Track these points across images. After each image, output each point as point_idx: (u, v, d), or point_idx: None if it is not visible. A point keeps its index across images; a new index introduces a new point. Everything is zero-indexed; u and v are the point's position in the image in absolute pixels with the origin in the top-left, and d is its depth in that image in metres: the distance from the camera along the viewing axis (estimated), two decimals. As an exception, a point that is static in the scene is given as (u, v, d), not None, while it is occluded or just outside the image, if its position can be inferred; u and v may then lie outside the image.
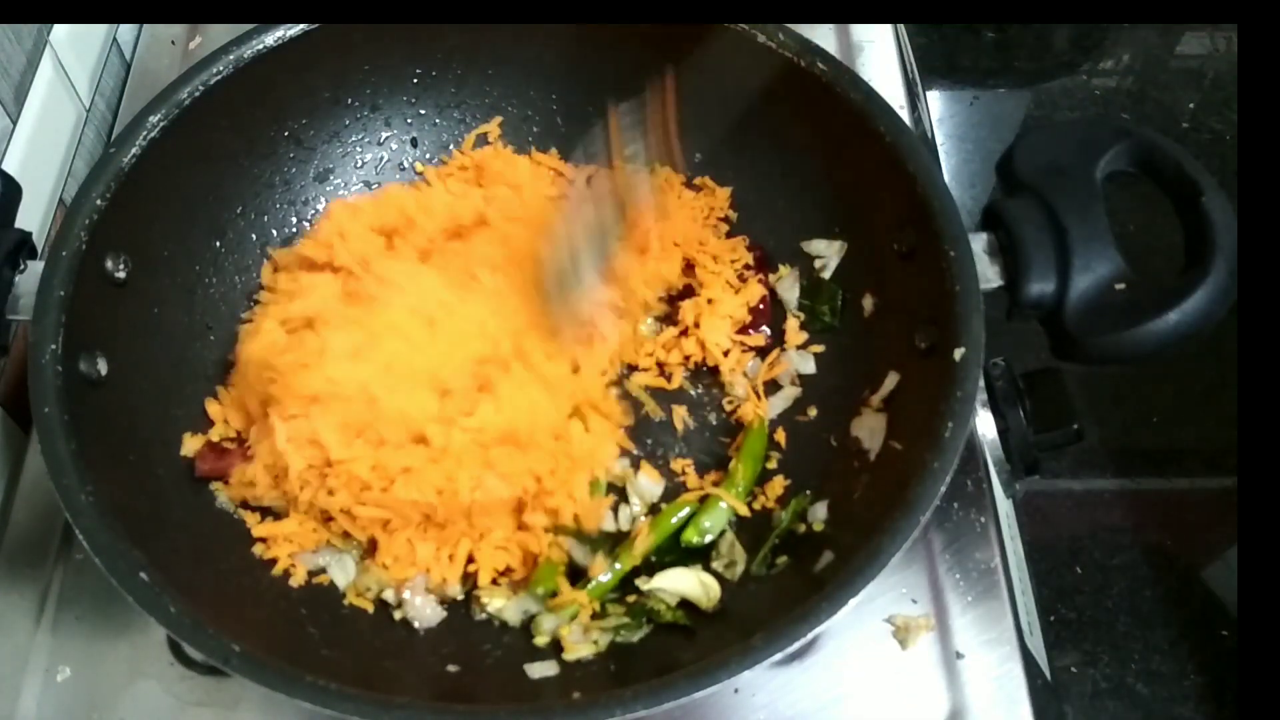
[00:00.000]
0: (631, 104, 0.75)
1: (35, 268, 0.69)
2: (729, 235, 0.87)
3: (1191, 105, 1.78)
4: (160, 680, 0.70)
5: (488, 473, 0.69)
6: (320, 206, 0.87)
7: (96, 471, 0.62)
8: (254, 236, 0.85)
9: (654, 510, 0.75)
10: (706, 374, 0.82)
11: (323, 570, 0.72)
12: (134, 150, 0.72)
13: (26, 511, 0.77)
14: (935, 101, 1.77)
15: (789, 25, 0.78)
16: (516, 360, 0.73)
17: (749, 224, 0.87)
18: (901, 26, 1.08)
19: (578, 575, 0.71)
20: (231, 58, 0.77)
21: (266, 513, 0.74)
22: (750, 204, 0.87)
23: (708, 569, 0.71)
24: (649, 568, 0.72)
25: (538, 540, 0.71)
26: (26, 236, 0.72)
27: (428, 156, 0.91)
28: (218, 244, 0.82)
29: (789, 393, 0.80)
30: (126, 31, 1.07)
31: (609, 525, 0.74)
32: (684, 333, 0.82)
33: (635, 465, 0.76)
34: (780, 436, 0.78)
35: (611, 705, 0.55)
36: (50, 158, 0.91)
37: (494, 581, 0.71)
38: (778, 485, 0.75)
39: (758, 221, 0.87)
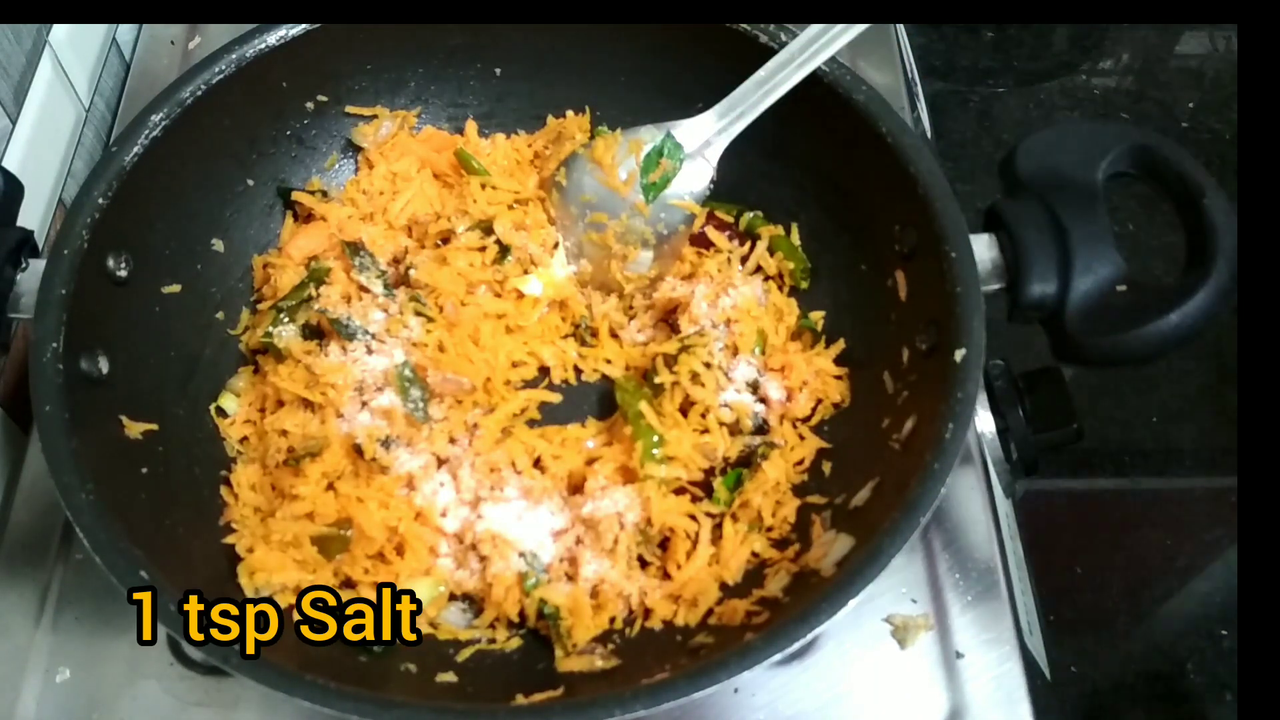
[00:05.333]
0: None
1: (37, 266, 0.69)
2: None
3: (1191, 105, 1.78)
4: (160, 680, 0.70)
5: None
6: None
7: (96, 471, 0.62)
8: (255, 235, 0.85)
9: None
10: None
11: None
12: (136, 149, 0.72)
13: (26, 511, 0.77)
14: (935, 101, 1.77)
15: (789, 26, 0.78)
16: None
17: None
18: (901, 26, 1.08)
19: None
20: (234, 57, 0.77)
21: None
22: (750, 205, 0.87)
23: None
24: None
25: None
26: (28, 235, 0.72)
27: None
28: (219, 242, 0.82)
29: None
30: (126, 31, 1.07)
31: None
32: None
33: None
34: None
35: (611, 705, 0.55)
36: (50, 158, 0.91)
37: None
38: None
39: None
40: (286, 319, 0.77)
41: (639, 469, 0.72)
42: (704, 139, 0.79)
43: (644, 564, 0.72)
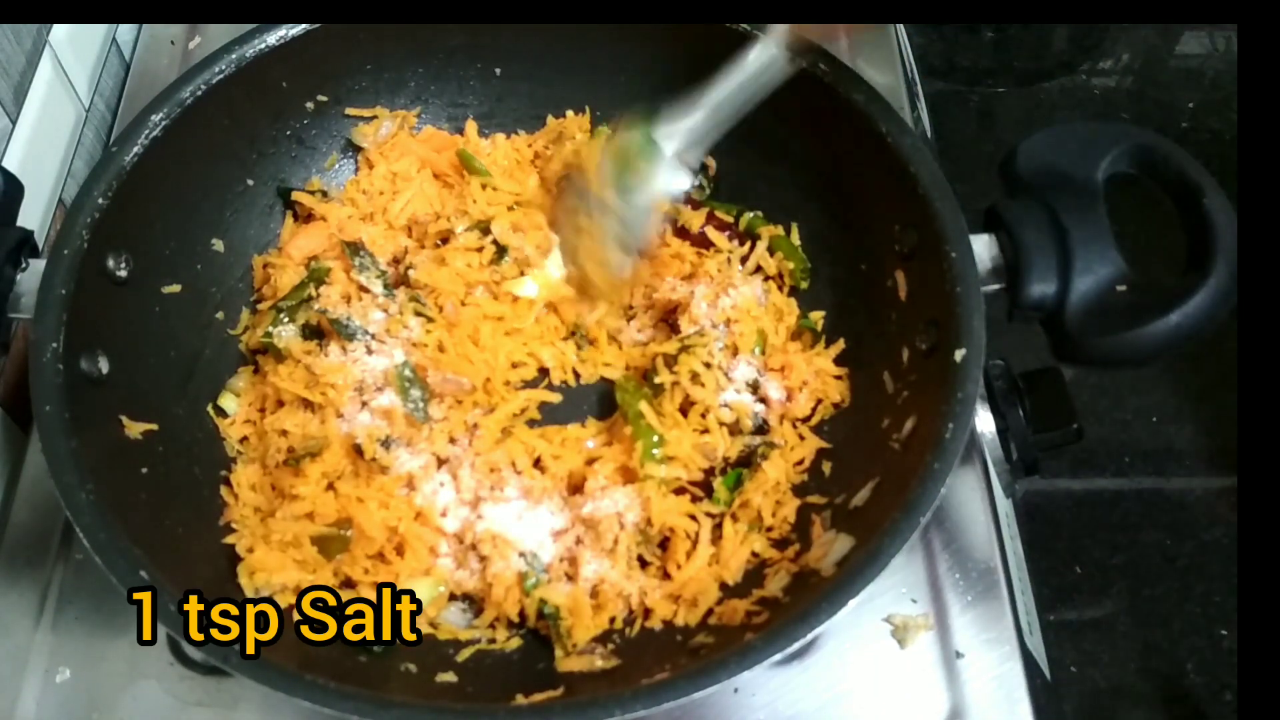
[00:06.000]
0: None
1: (37, 266, 0.69)
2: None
3: (1191, 105, 1.78)
4: (160, 680, 0.70)
5: None
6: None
7: (96, 471, 0.62)
8: (255, 235, 0.85)
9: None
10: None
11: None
12: (136, 149, 0.72)
13: (26, 511, 0.77)
14: (935, 101, 1.77)
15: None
16: None
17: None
18: (901, 26, 1.08)
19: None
20: (233, 57, 0.77)
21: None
22: (750, 205, 0.87)
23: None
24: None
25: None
26: (28, 235, 0.72)
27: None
28: (219, 242, 0.82)
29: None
30: (126, 31, 1.07)
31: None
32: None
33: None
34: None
35: (611, 705, 0.55)
36: (50, 158, 0.91)
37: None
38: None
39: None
40: (286, 319, 0.77)
41: (639, 469, 0.72)
42: (685, 140, 0.78)
43: (644, 564, 0.72)
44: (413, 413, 0.73)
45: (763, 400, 0.78)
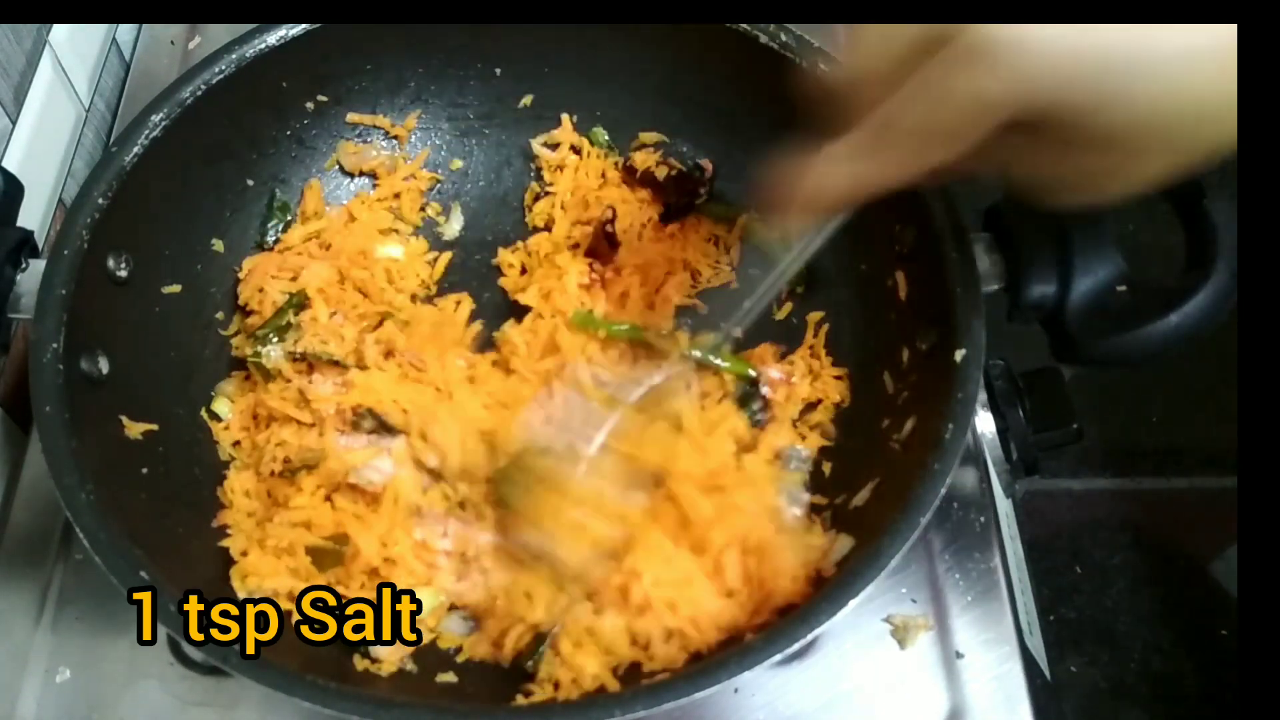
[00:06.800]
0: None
1: (37, 266, 0.69)
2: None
3: (1191, 105, 1.77)
4: (160, 680, 0.70)
5: None
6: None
7: (96, 471, 0.62)
8: (255, 236, 0.85)
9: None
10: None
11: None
12: (136, 149, 0.72)
13: (26, 511, 0.77)
14: (935, 101, 1.77)
15: (789, 26, 0.78)
16: None
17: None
18: (901, 27, 1.08)
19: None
20: (234, 57, 0.77)
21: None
22: (749, 207, 0.86)
23: None
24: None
25: None
26: (28, 235, 0.72)
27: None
28: (219, 242, 0.82)
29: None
30: (126, 31, 1.07)
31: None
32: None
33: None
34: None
35: (611, 705, 0.55)
36: (50, 158, 0.91)
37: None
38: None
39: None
40: (275, 338, 0.76)
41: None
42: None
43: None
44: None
45: (766, 385, 0.78)
